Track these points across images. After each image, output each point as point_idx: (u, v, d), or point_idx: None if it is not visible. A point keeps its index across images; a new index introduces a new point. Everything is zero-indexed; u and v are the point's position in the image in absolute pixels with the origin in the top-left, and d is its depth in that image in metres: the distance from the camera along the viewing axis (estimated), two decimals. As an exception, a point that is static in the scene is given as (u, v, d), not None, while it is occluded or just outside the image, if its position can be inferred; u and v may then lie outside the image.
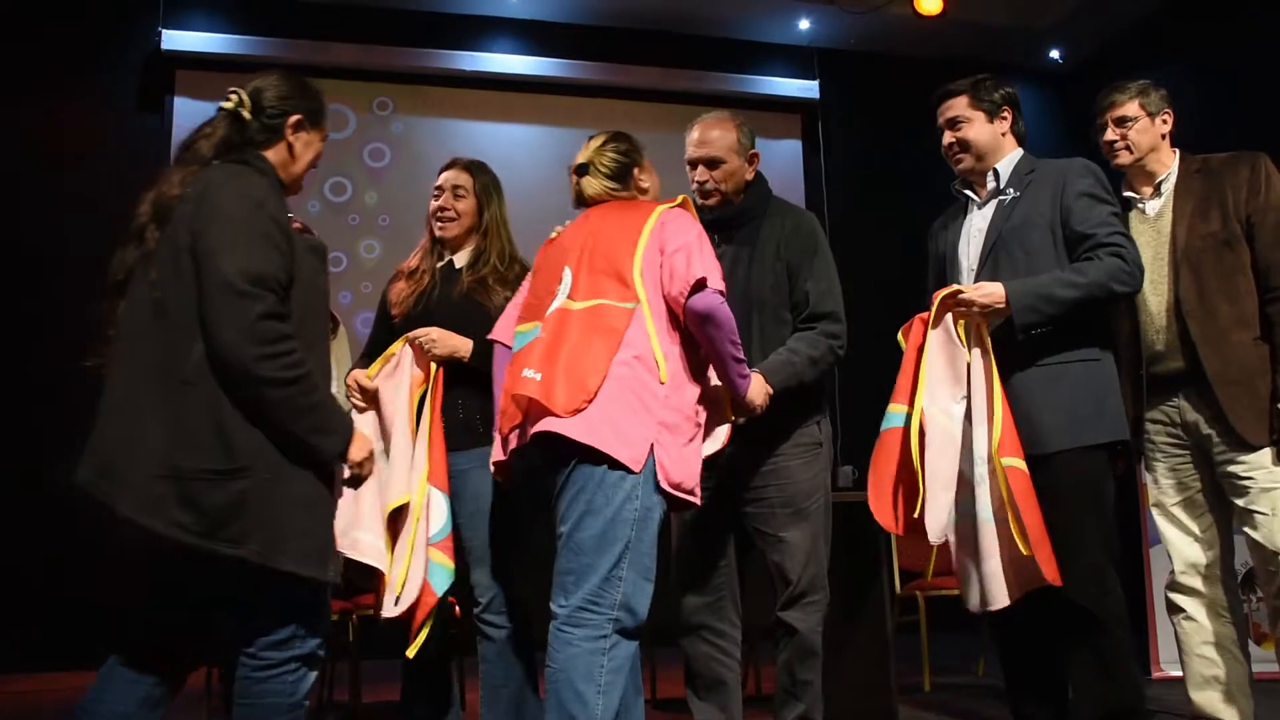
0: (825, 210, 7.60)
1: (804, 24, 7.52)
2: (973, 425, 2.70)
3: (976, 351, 2.73)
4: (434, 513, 2.80)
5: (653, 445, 2.34)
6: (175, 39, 6.64)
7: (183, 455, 2.02)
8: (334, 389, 2.63)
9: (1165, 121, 3.13)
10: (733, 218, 2.94)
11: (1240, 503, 2.91)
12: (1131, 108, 3.10)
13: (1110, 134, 3.13)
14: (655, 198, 2.72)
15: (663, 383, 2.38)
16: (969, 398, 2.72)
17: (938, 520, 2.65)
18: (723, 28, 7.54)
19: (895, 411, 2.78)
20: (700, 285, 2.37)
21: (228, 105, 2.33)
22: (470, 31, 7.22)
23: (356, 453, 2.27)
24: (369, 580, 2.83)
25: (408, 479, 2.79)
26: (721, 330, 2.41)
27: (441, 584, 2.76)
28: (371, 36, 6.98)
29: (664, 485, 2.36)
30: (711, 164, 2.91)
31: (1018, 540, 2.58)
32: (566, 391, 2.33)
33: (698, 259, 2.41)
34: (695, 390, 2.48)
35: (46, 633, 5.88)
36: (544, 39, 7.32)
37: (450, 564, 2.79)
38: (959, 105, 2.98)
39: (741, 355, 2.48)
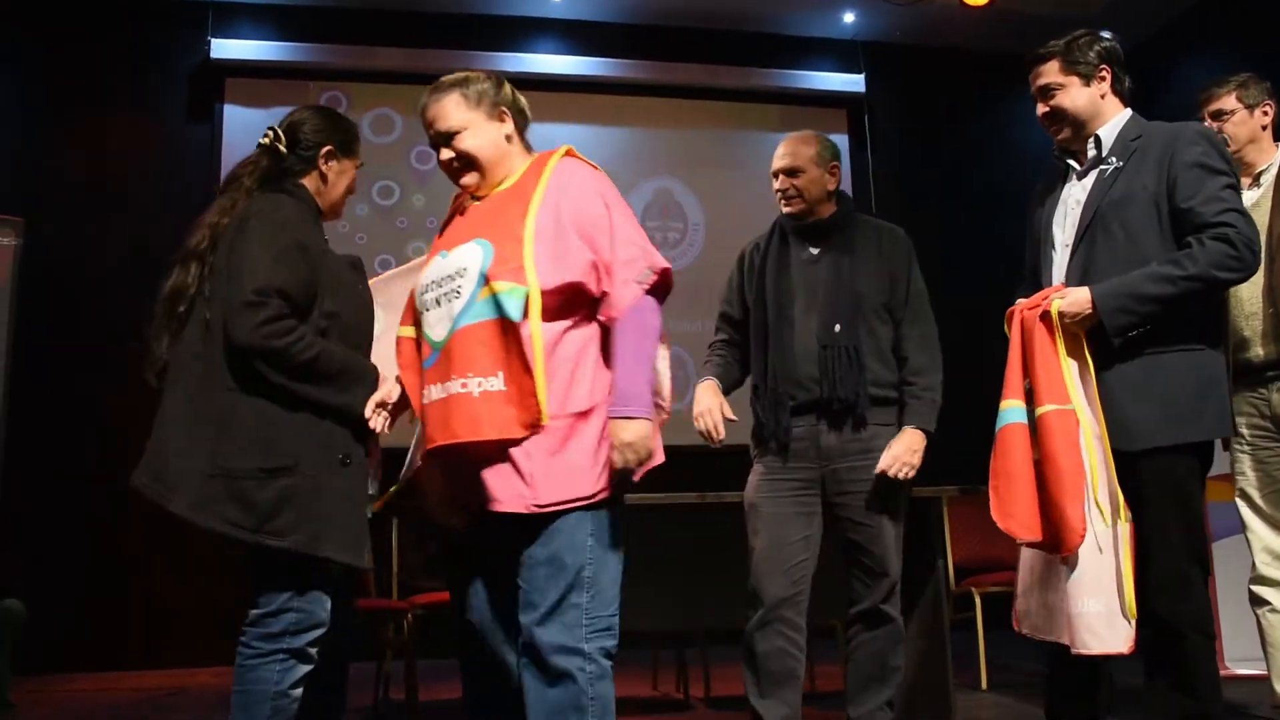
0: (872, 204, 7.54)
1: (849, 18, 7.47)
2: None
3: (1074, 363, 2.54)
4: None
5: None
6: (224, 47, 6.73)
7: (231, 456, 2.23)
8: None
9: (1266, 113, 3.11)
10: (829, 225, 3.09)
11: None
12: (1228, 101, 3.10)
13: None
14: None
15: None
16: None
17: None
18: (767, 23, 7.50)
19: (1012, 407, 2.58)
20: None
21: (264, 141, 2.54)
22: (513, 32, 7.24)
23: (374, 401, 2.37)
24: (426, 579, 2.82)
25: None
26: None
27: None
28: (416, 40, 7.01)
29: None
30: (791, 172, 3.07)
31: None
32: None
33: None
34: None
35: (106, 633, 6.00)
36: (587, 38, 7.33)
37: None
38: (1050, 71, 2.70)
39: None
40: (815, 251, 3.07)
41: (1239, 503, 3.07)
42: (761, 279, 3.09)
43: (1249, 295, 2.98)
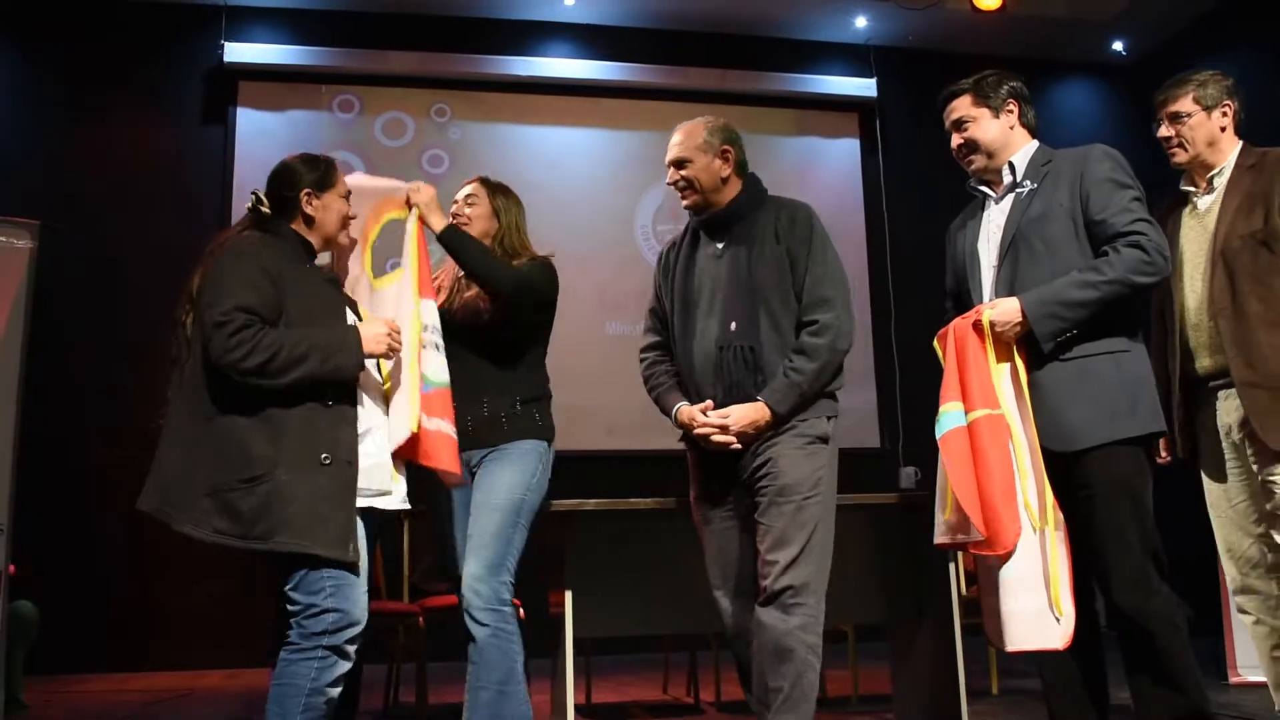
0: (884, 209, 7.54)
1: (861, 22, 7.47)
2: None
3: (1006, 367, 2.65)
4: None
5: None
6: (237, 51, 6.76)
7: (217, 474, 2.40)
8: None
9: (1225, 114, 3.01)
10: (727, 215, 2.96)
11: (1269, 506, 2.84)
12: (1185, 103, 3.01)
13: (1164, 130, 3.05)
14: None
15: None
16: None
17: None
18: (779, 28, 7.51)
19: (952, 411, 2.66)
20: None
21: (249, 205, 2.71)
22: (526, 37, 7.26)
23: (374, 346, 2.58)
24: (434, 584, 2.87)
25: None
26: None
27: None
28: (428, 44, 7.04)
29: None
30: (679, 164, 2.97)
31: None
32: None
33: None
34: None
35: (116, 635, 6.01)
36: (600, 43, 7.34)
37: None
38: (963, 106, 2.87)
39: None
40: (720, 246, 2.93)
41: (1211, 513, 3.03)
42: (673, 282, 3.01)
43: (1194, 306, 2.96)
